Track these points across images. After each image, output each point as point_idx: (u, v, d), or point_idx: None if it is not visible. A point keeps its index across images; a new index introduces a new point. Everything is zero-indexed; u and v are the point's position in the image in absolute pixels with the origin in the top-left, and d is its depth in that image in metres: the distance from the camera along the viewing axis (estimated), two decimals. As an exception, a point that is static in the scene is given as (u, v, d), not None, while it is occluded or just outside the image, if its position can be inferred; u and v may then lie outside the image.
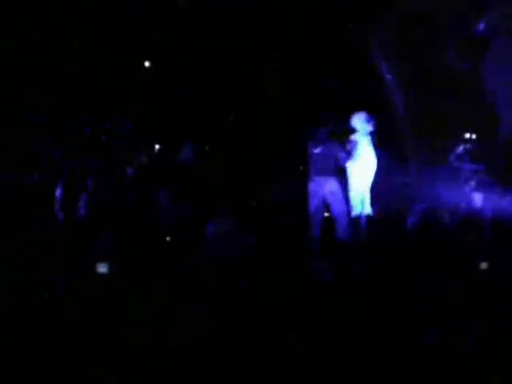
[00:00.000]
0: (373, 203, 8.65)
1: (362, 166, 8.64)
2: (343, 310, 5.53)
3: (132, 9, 10.57)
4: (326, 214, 8.94)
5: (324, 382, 4.55)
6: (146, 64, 10.85)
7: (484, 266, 6.74)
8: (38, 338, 5.08)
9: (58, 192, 9.31)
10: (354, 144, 8.66)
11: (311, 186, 8.76)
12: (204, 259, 7.36)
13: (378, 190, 8.68)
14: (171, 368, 4.71)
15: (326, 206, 8.83)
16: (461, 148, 9.54)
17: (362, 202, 8.61)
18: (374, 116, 8.75)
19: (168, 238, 8.56)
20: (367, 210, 8.63)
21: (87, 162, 10.16)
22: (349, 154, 8.68)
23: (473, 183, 9.11)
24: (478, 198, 8.95)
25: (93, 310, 5.63)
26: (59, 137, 10.60)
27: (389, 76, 10.49)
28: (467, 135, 9.92)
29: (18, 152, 10.17)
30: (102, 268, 7.11)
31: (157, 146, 10.87)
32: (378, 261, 6.90)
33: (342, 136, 8.81)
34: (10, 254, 7.08)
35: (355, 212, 8.64)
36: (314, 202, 8.74)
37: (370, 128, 8.70)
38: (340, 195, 8.67)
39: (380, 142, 8.79)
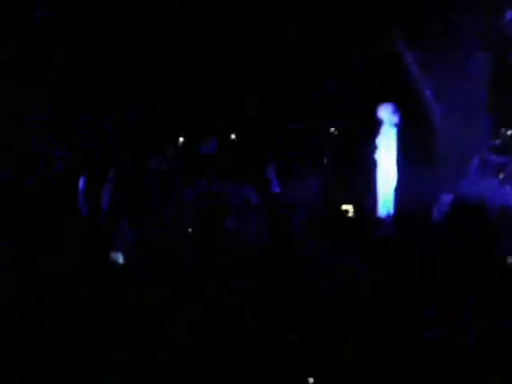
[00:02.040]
0: (401, 198, 8.68)
1: (389, 158, 8.69)
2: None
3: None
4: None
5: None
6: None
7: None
8: (38, 338, 5.09)
9: (80, 185, 9.36)
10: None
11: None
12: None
13: (405, 183, 8.72)
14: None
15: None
16: (492, 141, 9.52)
17: (389, 199, 8.67)
18: (400, 107, 8.79)
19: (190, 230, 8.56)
20: (392, 206, 8.66)
21: (110, 157, 10.17)
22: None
23: (502, 176, 9.08)
24: (507, 191, 8.94)
25: (94, 310, 5.64)
26: (76, 134, 10.64)
27: (415, 67, 10.45)
28: (500, 127, 9.93)
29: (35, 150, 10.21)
30: (118, 258, 7.21)
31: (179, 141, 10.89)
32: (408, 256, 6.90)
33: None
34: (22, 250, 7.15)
35: (384, 209, 8.68)
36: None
37: (396, 119, 8.75)
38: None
39: (407, 133, 8.82)
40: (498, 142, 9.44)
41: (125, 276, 6.96)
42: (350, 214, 9.14)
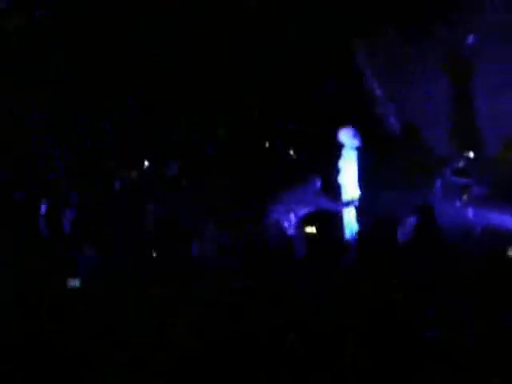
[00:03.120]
0: (362, 217, 8.76)
1: (348, 181, 8.80)
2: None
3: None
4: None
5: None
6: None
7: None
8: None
9: (43, 207, 9.30)
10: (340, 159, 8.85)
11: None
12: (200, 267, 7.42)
13: (368, 203, 8.80)
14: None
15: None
16: (456, 163, 9.62)
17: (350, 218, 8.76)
18: (360, 131, 8.90)
19: (155, 254, 8.57)
20: (354, 224, 8.74)
21: (73, 175, 10.12)
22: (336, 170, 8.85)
23: (465, 197, 9.20)
24: (469, 212, 9.07)
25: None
26: (45, 148, 10.57)
27: (378, 90, 10.58)
28: (462, 150, 10.07)
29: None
30: (74, 283, 7.05)
31: (145, 161, 10.80)
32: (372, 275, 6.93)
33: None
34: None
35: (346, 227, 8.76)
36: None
37: (356, 143, 8.87)
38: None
39: (368, 156, 8.93)
40: (460, 164, 9.53)
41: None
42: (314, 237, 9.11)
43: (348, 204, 8.81)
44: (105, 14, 10.60)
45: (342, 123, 9.06)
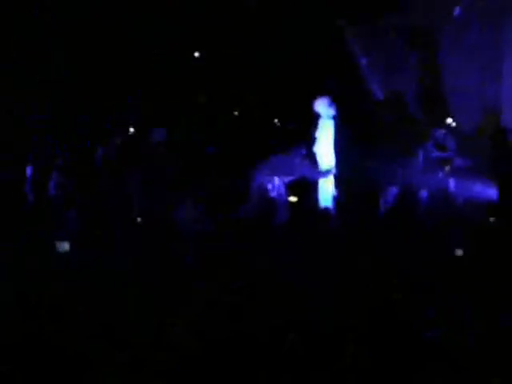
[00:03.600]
0: (342, 188, 8.78)
1: (325, 151, 8.82)
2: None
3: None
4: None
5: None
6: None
7: (459, 252, 6.90)
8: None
9: (28, 173, 9.40)
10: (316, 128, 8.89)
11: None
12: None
13: (347, 174, 8.83)
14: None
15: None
16: (437, 135, 9.66)
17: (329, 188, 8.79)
18: (339, 101, 8.92)
19: (139, 220, 8.65)
20: (333, 194, 8.77)
21: (58, 145, 10.15)
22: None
23: (447, 169, 9.26)
24: (450, 184, 9.14)
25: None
26: (30, 119, 10.59)
27: (363, 61, 10.64)
28: (446, 122, 10.15)
29: None
30: (63, 247, 7.21)
31: (130, 128, 10.78)
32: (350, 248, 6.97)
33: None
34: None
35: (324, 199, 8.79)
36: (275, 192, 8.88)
37: (332, 112, 8.87)
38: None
39: (347, 126, 8.95)
40: (441, 137, 9.58)
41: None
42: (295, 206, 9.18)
43: (326, 173, 8.82)
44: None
45: (321, 92, 9.12)
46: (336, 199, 8.79)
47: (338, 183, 8.84)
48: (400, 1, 10.31)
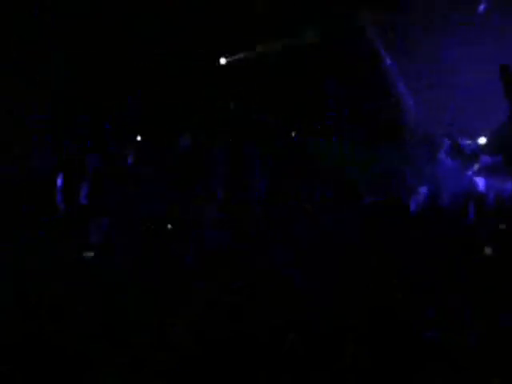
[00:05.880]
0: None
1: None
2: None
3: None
4: None
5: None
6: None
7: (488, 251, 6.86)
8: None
9: (58, 182, 9.37)
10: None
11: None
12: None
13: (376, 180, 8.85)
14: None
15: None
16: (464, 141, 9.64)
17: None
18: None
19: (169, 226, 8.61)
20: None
21: (86, 154, 10.15)
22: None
23: (476, 167, 9.21)
24: (480, 183, 9.07)
25: (94, 310, 5.64)
26: (56, 130, 10.59)
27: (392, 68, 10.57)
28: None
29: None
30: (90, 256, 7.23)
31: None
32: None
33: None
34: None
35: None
36: None
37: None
38: None
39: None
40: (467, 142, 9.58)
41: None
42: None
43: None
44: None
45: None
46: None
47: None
48: None
